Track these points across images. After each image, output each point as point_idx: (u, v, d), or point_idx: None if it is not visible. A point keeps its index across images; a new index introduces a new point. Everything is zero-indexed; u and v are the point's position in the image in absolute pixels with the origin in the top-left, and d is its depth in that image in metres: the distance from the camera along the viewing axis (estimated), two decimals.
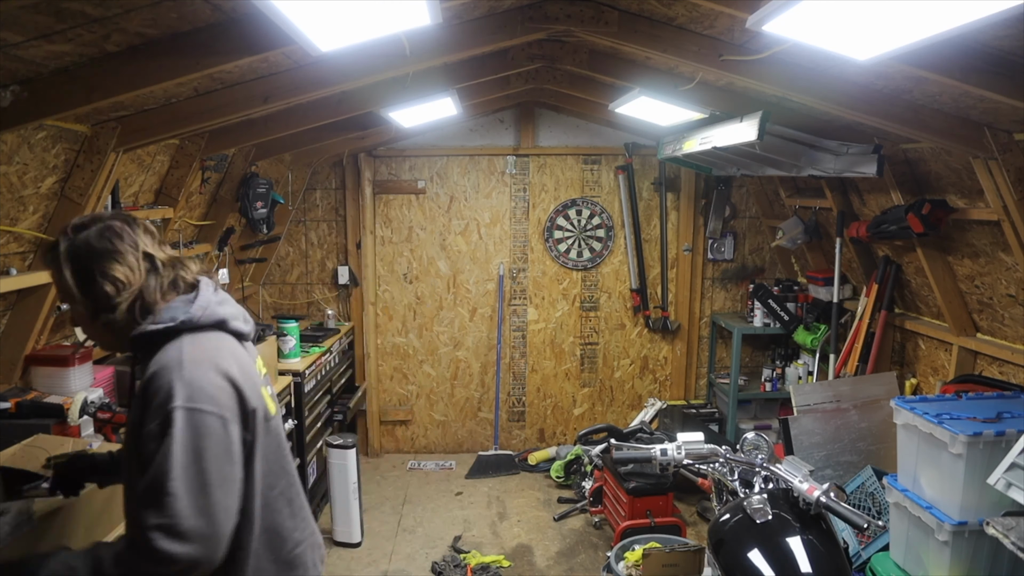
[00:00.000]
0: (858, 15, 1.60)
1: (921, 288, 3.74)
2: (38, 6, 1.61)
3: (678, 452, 2.22)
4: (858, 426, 3.59)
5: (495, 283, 5.29)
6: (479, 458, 5.17)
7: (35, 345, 2.75)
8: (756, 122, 2.98)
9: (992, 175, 2.67)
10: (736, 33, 2.43)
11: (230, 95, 2.64)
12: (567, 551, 4.03)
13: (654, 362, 5.43)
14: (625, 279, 5.31)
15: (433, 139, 5.12)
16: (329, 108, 3.29)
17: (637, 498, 3.69)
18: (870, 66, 2.23)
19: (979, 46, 2.00)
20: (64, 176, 2.55)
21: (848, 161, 3.34)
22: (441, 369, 5.40)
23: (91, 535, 2.04)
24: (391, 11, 1.78)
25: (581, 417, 5.49)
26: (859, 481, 3.24)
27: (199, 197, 3.74)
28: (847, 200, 4.00)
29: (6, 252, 2.47)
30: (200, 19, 1.92)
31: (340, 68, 2.59)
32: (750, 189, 5.17)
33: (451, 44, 2.61)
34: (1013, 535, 2.09)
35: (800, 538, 1.85)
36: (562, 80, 4.00)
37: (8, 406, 2.47)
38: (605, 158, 5.17)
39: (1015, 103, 2.12)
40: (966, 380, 3.26)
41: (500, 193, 5.21)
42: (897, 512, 2.73)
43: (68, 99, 2.06)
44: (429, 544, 4.09)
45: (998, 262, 3.06)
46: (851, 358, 4.05)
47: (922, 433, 2.58)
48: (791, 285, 4.83)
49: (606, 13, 2.52)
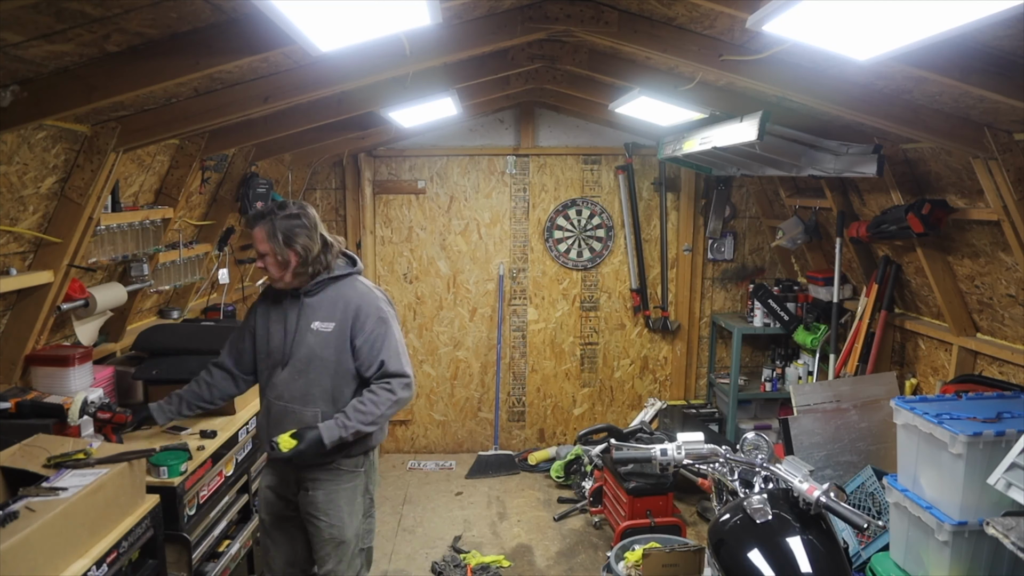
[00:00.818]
0: (858, 15, 1.60)
1: (921, 288, 3.74)
2: (38, 6, 1.60)
3: (678, 452, 2.22)
4: (858, 426, 3.59)
5: (495, 283, 5.30)
6: (479, 458, 5.17)
7: (35, 345, 2.75)
8: (756, 122, 2.98)
9: (992, 175, 2.67)
10: (736, 33, 2.43)
11: (230, 95, 2.64)
12: (567, 551, 4.03)
13: (654, 362, 5.43)
14: (625, 279, 5.31)
15: (433, 139, 5.12)
16: (329, 108, 3.29)
17: (637, 498, 3.69)
18: (870, 66, 2.23)
19: (979, 46, 2.00)
20: (64, 176, 2.55)
21: (848, 161, 3.34)
22: (441, 369, 5.40)
23: (93, 534, 2.04)
24: (391, 11, 1.78)
25: (581, 417, 5.49)
26: (859, 481, 3.24)
27: (199, 197, 3.74)
28: (847, 200, 4.00)
29: (6, 252, 2.46)
30: (200, 19, 1.92)
31: (340, 68, 2.59)
32: (750, 189, 5.17)
33: (451, 44, 2.61)
34: (1013, 535, 2.09)
35: (800, 538, 1.85)
36: (562, 80, 4.00)
37: (8, 406, 2.48)
38: (605, 158, 5.17)
39: (1015, 103, 2.12)
40: (966, 380, 3.26)
41: (500, 193, 5.21)
42: (897, 512, 2.73)
43: (68, 99, 2.06)
44: (429, 544, 4.09)
45: (998, 262, 3.06)
46: (851, 358, 4.05)
47: (922, 433, 2.58)
48: (791, 285, 4.83)
49: (606, 13, 2.52)
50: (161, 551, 2.38)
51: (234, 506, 2.99)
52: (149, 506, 2.30)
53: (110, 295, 3.06)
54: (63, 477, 2.07)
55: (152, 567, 2.32)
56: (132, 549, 2.20)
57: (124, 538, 2.15)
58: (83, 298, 2.87)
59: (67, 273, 2.69)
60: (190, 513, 2.59)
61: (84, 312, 2.95)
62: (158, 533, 2.34)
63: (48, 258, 2.62)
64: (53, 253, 2.62)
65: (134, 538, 2.21)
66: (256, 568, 3.15)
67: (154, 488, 2.41)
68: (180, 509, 2.51)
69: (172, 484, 2.48)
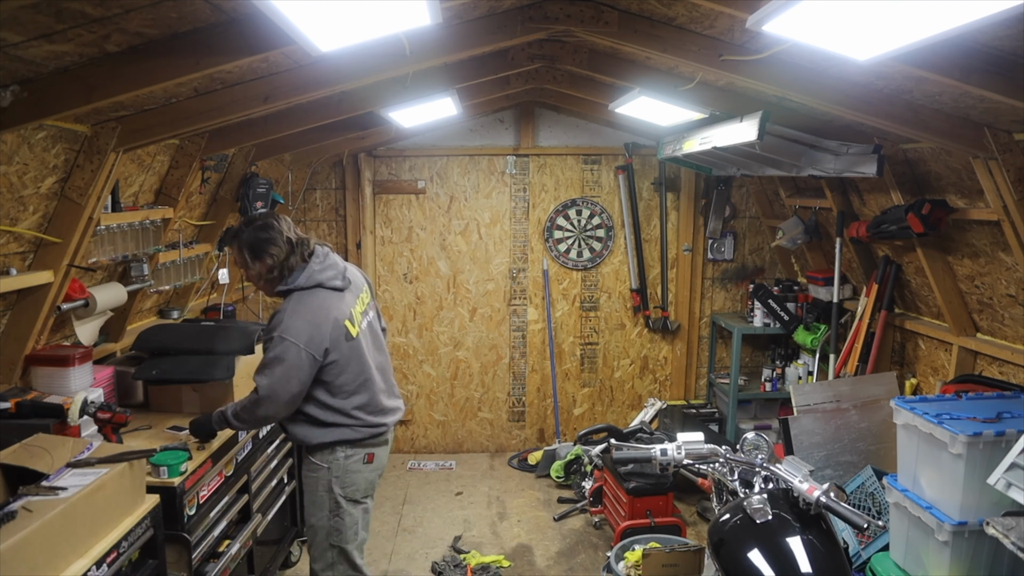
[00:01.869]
0: (858, 15, 1.60)
1: (921, 288, 3.74)
2: (38, 6, 1.60)
3: (678, 452, 2.22)
4: (858, 426, 3.59)
5: (495, 283, 5.30)
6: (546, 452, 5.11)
7: (35, 345, 2.75)
8: (756, 122, 2.98)
9: (992, 175, 2.67)
10: (736, 33, 2.43)
11: (230, 95, 2.64)
12: (567, 551, 4.03)
13: (654, 362, 5.43)
14: (625, 279, 5.31)
15: (433, 139, 5.12)
16: (329, 108, 3.29)
17: (637, 498, 3.69)
18: (870, 66, 2.23)
19: (979, 46, 2.00)
20: (64, 176, 2.55)
21: (848, 161, 3.34)
22: (441, 369, 5.40)
23: (93, 534, 2.04)
24: (391, 11, 1.78)
25: (581, 417, 5.49)
26: (859, 481, 3.24)
27: (199, 197, 3.74)
28: (847, 200, 4.00)
29: (6, 252, 2.46)
30: (200, 19, 1.92)
31: (340, 68, 2.59)
32: (750, 189, 5.17)
33: (451, 44, 2.61)
34: (1013, 535, 2.09)
35: (800, 538, 1.85)
36: (562, 80, 4.00)
37: (8, 406, 2.47)
38: (605, 158, 5.17)
39: (1015, 103, 2.12)
40: (966, 380, 3.25)
41: (500, 193, 5.21)
42: (897, 512, 2.73)
43: (68, 99, 2.06)
44: (429, 544, 4.09)
45: (998, 262, 3.06)
46: (851, 358, 4.05)
47: (922, 433, 2.58)
48: (791, 285, 4.83)
49: (606, 13, 2.52)
50: (161, 551, 2.38)
51: (234, 506, 2.99)
52: (149, 506, 2.30)
53: (110, 295, 3.06)
54: (63, 476, 2.07)
55: (152, 567, 2.32)
56: (132, 549, 2.20)
57: (124, 538, 2.15)
58: (83, 298, 2.87)
59: (67, 273, 2.69)
60: (190, 513, 2.59)
61: (84, 312, 2.95)
62: (158, 533, 2.34)
63: (48, 258, 2.62)
64: (53, 253, 2.62)
65: (134, 538, 2.21)
66: (256, 568, 3.15)
67: (154, 488, 2.41)
68: (180, 509, 2.51)
69: (172, 484, 2.48)
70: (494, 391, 5.42)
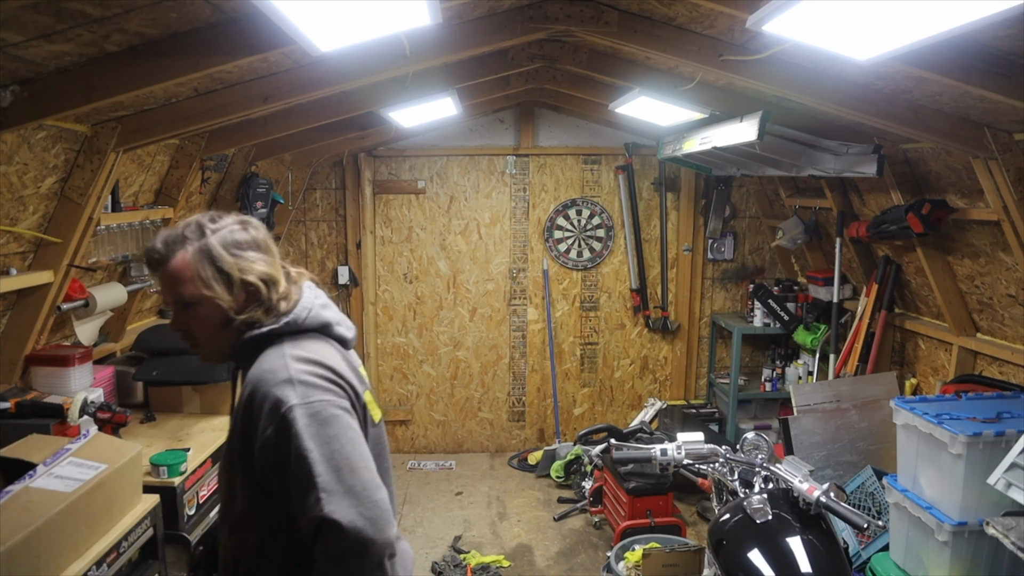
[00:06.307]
0: (858, 15, 1.60)
1: (921, 288, 3.74)
2: (38, 6, 1.60)
3: (678, 452, 2.22)
4: (858, 426, 3.59)
5: (495, 283, 5.29)
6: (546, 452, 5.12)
7: (35, 345, 2.75)
8: (756, 122, 2.98)
9: (992, 175, 2.67)
10: (736, 33, 2.43)
11: (230, 95, 2.64)
12: (567, 551, 4.03)
13: (654, 362, 5.43)
14: (625, 279, 5.31)
15: (433, 139, 5.12)
16: (329, 108, 3.29)
17: (637, 498, 3.69)
18: (870, 66, 2.23)
19: (979, 46, 2.00)
20: (64, 176, 2.55)
21: (848, 161, 3.34)
22: (441, 369, 5.40)
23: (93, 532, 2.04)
24: (391, 11, 1.78)
25: (581, 417, 5.49)
26: (859, 481, 3.24)
27: (199, 197, 3.74)
28: (847, 200, 4.00)
29: (6, 252, 2.47)
30: (200, 19, 1.92)
31: (340, 68, 2.59)
32: (750, 189, 5.17)
33: (451, 44, 2.61)
34: (1013, 535, 2.09)
35: (800, 538, 1.85)
36: (562, 80, 4.00)
37: (8, 406, 2.48)
38: (605, 158, 5.17)
39: (1015, 103, 2.12)
40: (966, 380, 3.25)
41: (500, 193, 5.20)
42: (897, 512, 2.73)
43: (68, 99, 2.06)
44: (429, 544, 4.09)
45: (998, 262, 3.06)
46: (851, 358, 4.04)
47: (922, 433, 2.58)
48: (791, 285, 4.83)
49: (606, 13, 2.52)
50: (161, 551, 2.38)
51: None
52: (149, 506, 2.30)
53: (110, 295, 3.06)
54: (60, 464, 2.05)
55: (152, 567, 2.32)
56: (132, 549, 2.20)
57: (124, 538, 2.15)
58: (83, 298, 2.87)
59: (67, 273, 2.70)
60: (190, 513, 2.59)
61: (84, 312, 2.95)
62: (158, 533, 2.34)
63: (48, 258, 2.62)
64: (53, 253, 2.62)
65: (134, 538, 2.21)
66: None
67: (154, 488, 2.41)
68: (180, 509, 2.51)
69: (172, 484, 2.48)
70: (494, 391, 5.42)
